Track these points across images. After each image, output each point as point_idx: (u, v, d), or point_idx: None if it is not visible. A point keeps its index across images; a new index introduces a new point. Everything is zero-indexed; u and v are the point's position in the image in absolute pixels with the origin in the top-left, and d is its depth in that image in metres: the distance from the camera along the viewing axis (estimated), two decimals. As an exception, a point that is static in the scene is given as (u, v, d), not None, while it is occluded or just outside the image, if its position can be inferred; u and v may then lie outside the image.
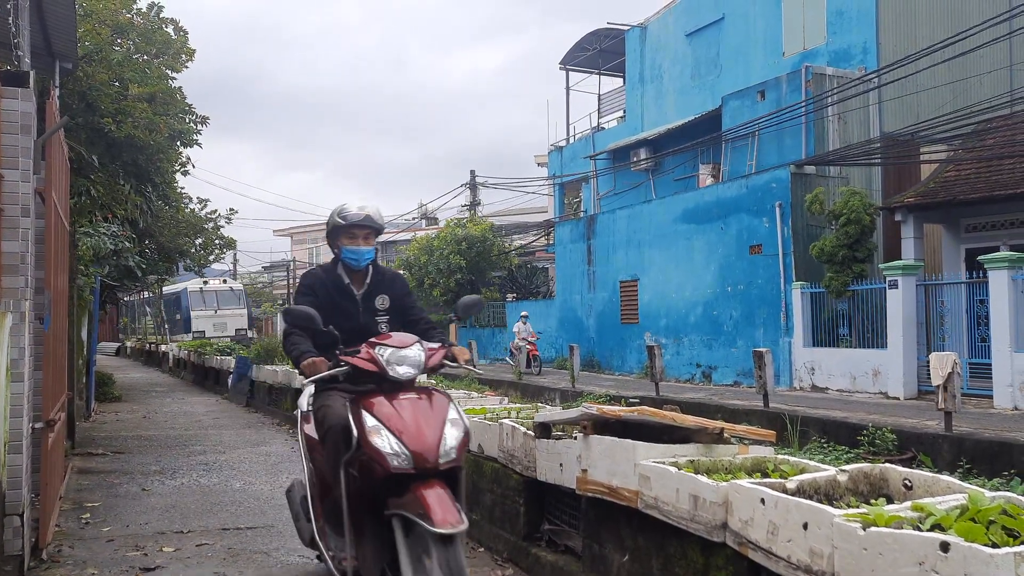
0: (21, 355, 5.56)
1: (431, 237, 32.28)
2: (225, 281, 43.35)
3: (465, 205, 36.56)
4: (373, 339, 4.31)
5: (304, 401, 5.05)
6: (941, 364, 10.31)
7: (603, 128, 29.42)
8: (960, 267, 15.99)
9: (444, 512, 3.62)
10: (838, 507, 3.32)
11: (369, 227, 4.77)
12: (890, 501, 3.48)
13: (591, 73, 30.69)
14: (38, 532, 5.98)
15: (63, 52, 10.23)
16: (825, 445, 11.29)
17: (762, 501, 3.45)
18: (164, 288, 38.56)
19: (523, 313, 24.15)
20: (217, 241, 24.93)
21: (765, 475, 4.06)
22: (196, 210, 23.74)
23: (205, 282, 39.95)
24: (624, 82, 28.40)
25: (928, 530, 2.86)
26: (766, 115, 19.23)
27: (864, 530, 2.92)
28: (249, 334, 39.14)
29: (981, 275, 14.05)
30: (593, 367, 23.21)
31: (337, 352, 4.32)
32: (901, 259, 15.85)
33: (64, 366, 8.12)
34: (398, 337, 4.31)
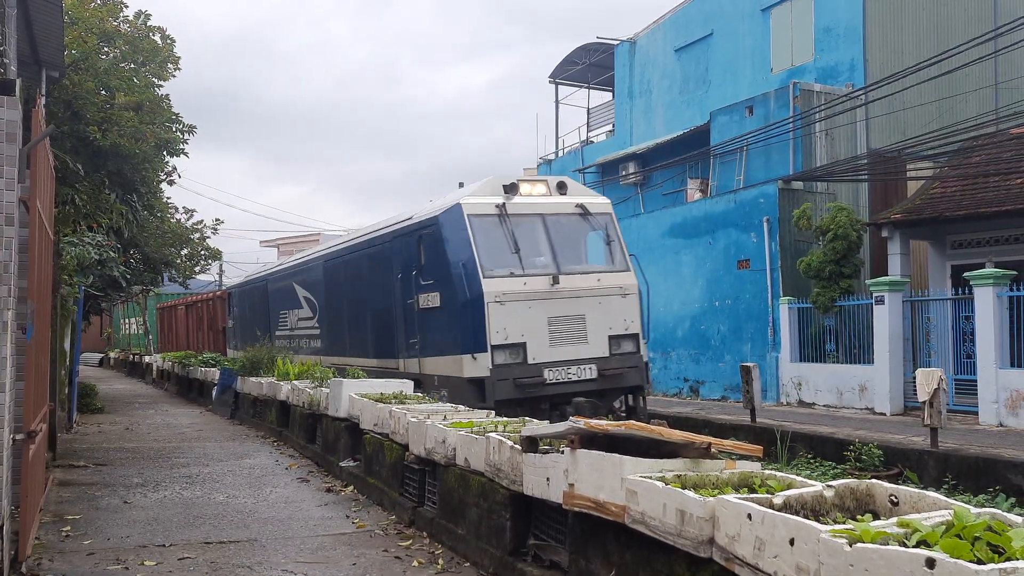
0: (2, 365, 5.49)
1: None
2: (562, 188, 12.95)
3: (454, 218, 36.37)
4: None
5: None
6: (927, 380, 10.36)
7: (592, 142, 29.51)
8: (946, 283, 16.08)
9: None
10: (825, 523, 3.31)
11: None
12: (876, 517, 3.47)
13: (580, 87, 30.82)
14: (18, 545, 5.91)
15: (50, 60, 10.22)
16: (812, 460, 11.33)
17: (749, 516, 3.43)
18: (381, 224, 15.03)
19: None
20: (203, 251, 24.84)
21: (752, 490, 4.04)
22: (182, 220, 23.67)
23: (510, 187, 12.33)
24: (613, 96, 28.53)
25: (914, 546, 2.85)
26: (754, 131, 19.33)
27: (851, 546, 2.91)
28: (643, 349, 12.62)
29: (967, 291, 14.14)
30: (580, 381, 23.14)
31: None
32: (888, 275, 15.93)
33: (46, 377, 8.05)
34: None
